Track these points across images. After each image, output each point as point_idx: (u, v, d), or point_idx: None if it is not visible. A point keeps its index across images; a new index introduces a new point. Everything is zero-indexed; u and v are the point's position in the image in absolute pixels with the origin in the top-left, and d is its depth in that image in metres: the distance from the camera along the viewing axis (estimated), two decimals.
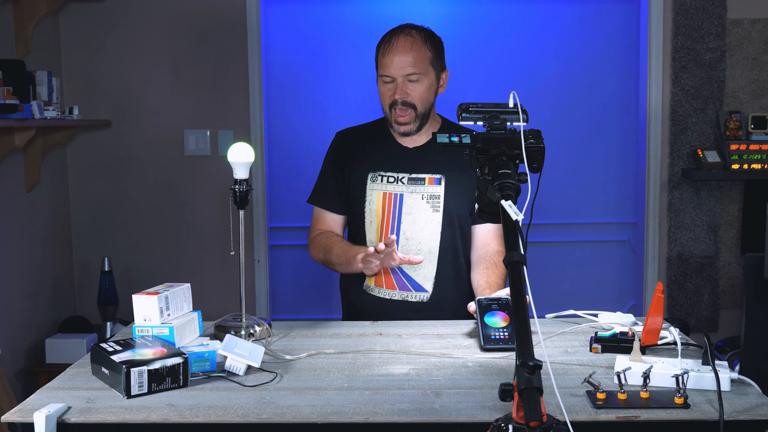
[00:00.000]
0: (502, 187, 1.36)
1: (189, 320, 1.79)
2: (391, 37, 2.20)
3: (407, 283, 2.24)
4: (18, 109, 2.86)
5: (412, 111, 2.19)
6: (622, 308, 4.12)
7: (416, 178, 2.23)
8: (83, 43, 3.75)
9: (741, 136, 3.75)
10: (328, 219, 2.33)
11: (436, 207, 2.22)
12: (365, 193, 2.25)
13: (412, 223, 2.22)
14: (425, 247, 2.22)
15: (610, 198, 4.30)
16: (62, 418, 1.41)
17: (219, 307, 2.73)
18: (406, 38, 2.19)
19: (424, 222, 2.22)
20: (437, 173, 2.23)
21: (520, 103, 1.54)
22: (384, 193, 2.24)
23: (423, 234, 2.22)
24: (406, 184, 2.23)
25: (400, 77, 2.17)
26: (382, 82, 2.22)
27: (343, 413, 1.42)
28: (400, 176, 2.24)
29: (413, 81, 2.17)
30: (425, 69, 2.18)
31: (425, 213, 2.22)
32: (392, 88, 2.19)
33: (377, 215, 2.24)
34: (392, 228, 2.23)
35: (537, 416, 1.03)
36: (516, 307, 1.18)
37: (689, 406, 1.42)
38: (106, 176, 3.82)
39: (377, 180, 2.25)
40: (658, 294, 1.65)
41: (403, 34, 2.20)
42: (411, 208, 2.22)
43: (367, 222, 2.26)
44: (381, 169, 2.26)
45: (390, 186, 2.24)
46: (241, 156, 1.89)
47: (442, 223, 2.22)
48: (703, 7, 3.77)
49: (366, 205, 2.25)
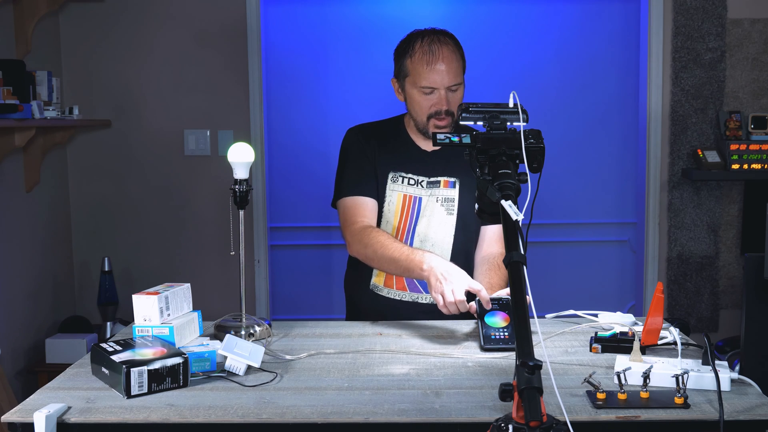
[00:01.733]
0: (502, 187, 1.36)
1: (189, 320, 1.79)
2: (431, 45, 2.13)
3: (418, 285, 2.22)
4: (18, 109, 2.86)
5: (450, 118, 2.16)
6: (622, 308, 4.12)
7: (433, 181, 2.23)
8: (83, 43, 3.75)
9: (741, 136, 3.75)
10: (370, 206, 2.19)
11: (450, 210, 2.22)
12: (385, 192, 2.23)
13: (427, 225, 2.21)
14: (438, 249, 2.21)
15: (610, 198, 4.30)
16: (62, 418, 1.41)
17: (219, 307, 2.73)
18: (446, 48, 2.13)
19: (438, 224, 2.22)
20: (452, 177, 2.22)
21: (520, 103, 1.53)
22: (405, 195, 2.22)
23: (437, 236, 2.22)
24: (425, 187, 2.22)
25: (443, 89, 2.13)
26: (420, 91, 2.15)
27: (343, 413, 1.42)
28: (420, 179, 2.22)
29: (453, 91, 2.14)
30: (462, 78, 2.17)
31: (440, 216, 2.22)
32: (433, 99, 2.13)
33: (395, 216, 2.22)
34: (408, 229, 2.22)
35: (537, 416, 1.02)
36: (516, 307, 1.18)
37: (689, 406, 1.42)
38: (106, 176, 3.82)
39: (398, 180, 2.23)
40: (658, 294, 1.65)
41: (441, 43, 2.13)
42: (427, 210, 2.22)
43: (384, 222, 2.23)
44: (402, 170, 2.23)
45: (411, 188, 2.22)
46: (241, 156, 1.89)
47: (455, 227, 2.22)
48: (703, 7, 3.77)
49: (385, 205, 2.23)
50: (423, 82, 2.12)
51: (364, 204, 2.20)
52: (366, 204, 2.20)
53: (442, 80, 2.11)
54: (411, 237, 2.22)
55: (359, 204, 2.20)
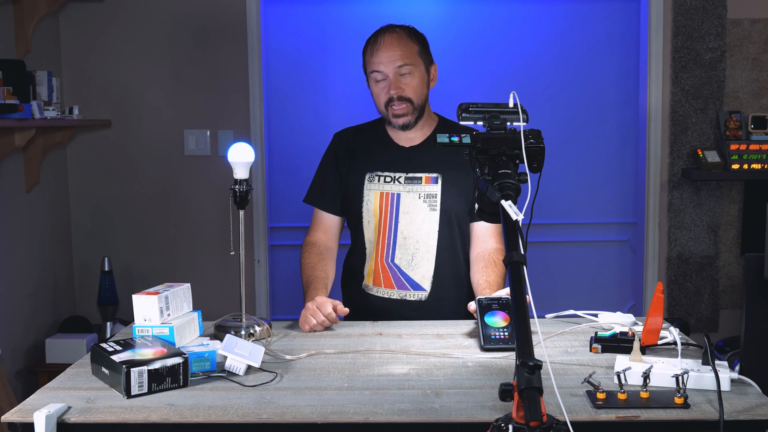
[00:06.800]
0: (502, 187, 1.36)
1: (189, 320, 1.79)
2: (377, 36, 2.23)
3: (405, 282, 2.24)
4: (18, 109, 2.86)
5: (409, 104, 2.20)
6: (622, 308, 4.12)
7: (413, 177, 2.24)
8: (83, 43, 3.75)
9: (741, 136, 3.75)
10: (326, 220, 2.34)
11: (433, 206, 2.22)
12: (362, 193, 2.26)
13: (409, 222, 2.23)
14: (423, 246, 2.23)
15: (610, 198, 4.30)
16: (62, 418, 1.41)
17: (219, 307, 2.73)
18: (391, 35, 2.21)
19: (422, 221, 2.23)
20: (434, 172, 2.23)
21: (520, 103, 1.53)
22: (381, 193, 2.24)
23: (420, 233, 2.23)
24: (403, 183, 2.24)
25: (391, 72, 2.18)
26: (374, 81, 2.23)
27: (343, 413, 1.42)
28: (397, 176, 2.24)
29: (405, 74, 2.19)
30: (415, 61, 2.20)
31: (422, 212, 2.23)
32: (385, 86, 2.20)
33: (375, 215, 2.25)
34: (390, 227, 2.24)
35: (537, 416, 1.02)
36: (516, 307, 1.18)
37: (689, 406, 1.42)
38: (106, 176, 3.82)
39: (374, 180, 2.26)
40: (658, 294, 1.65)
41: (387, 32, 2.22)
42: (408, 207, 2.23)
43: (365, 222, 2.27)
44: (378, 169, 2.26)
45: (387, 186, 2.24)
46: (241, 156, 1.89)
47: (439, 222, 2.23)
48: (703, 7, 3.77)
49: (363, 205, 2.26)
50: (371, 68, 2.22)
51: (320, 219, 2.34)
52: (322, 219, 2.34)
53: (388, 60, 2.18)
54: (394, 235, 2.23)
55: (317, 218, 2.35)
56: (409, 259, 2.24)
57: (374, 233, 2.26)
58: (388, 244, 2.24)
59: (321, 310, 1.99)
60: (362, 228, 2.27)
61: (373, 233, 2.26)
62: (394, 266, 2.24)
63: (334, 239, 2.35)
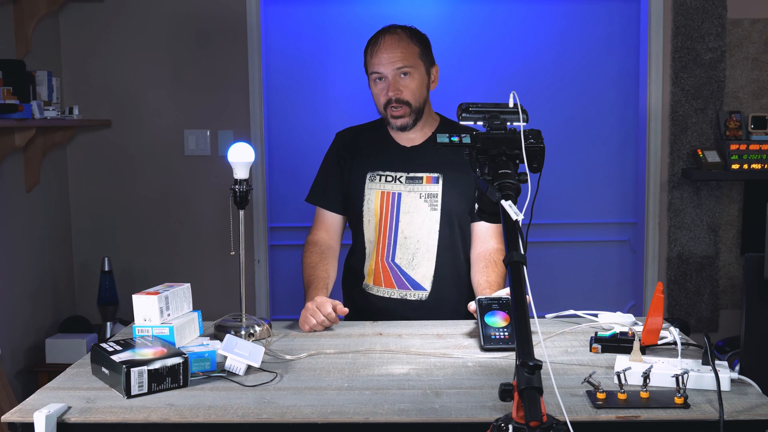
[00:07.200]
0: (502, 187, 1.36)
1: (189, 320, 1.79)
2: (378, 37, 2.23)
3: (406, 282, 2.24)
4: (18, 109, 2.86)
5: (407, 107, 2.20)
6: (622, 308, 4.12)
7: (414, 177, 2.24)
8: (83, 43, 3.75)
9: (741, 136, 3.75)
10: (328, 218, 2.34)
11: (433, 206, 2.23)
12: (363, 193, 2.26)
13: (409, 222, 2.23)
14: (423, 245, 2.23)
15: (610, 198, 4.30)
16: (62, 418, 1.41)
17: (219, 307, 2.73)
18: (392, 36, 2.21)
19: (422, 221, 2.23)
20: (435, 172, 2.24)
21: (520, 103, 1.54)
22: (382, 192, 2.25)
23: (421, 233, 2.23)
24: (404, 183, 2.24)
25: (390, 73, 2.18)
26: (374, 82, 2.23)
27: (343, 413, 1.42)
28: (398, 175, 2.25)
29: (404, 76, 2.19)
30: (415, 63, 2.20)
31: (423, 212, 2.23)
32: (384, 87, 2.20)
33: (375, 214, 2.25)
34: (390, 227, 2.24)
35: (537, 416, 1.02)
36: (516, 307, 1.18)
37: (689, 406, 1.42)
38: (106, 176, 3.82)
39: (375, 179, 2.26)
40: (658, 294, 1.65)
41: (388, 33, 2.22)
42: (409, 207, 2.23)
43: (366, 221, 2.27)
44: (379, 169, 2.27)
45: (388, 185, 2.25)
46: (241, 156, 1.89)
47: (440, 222, 2.23)
48: (703, 7, 3.77)
49: (364, 204, 2.26)
50: (371, 69, 2.23)
51: (322, 218, 2.35)
52: (324, 218, 2.35)
53: (388, 61, 2.18)
54: (394, 235, 2.24)
55: (319, 217, 2.35)
56: (409, 258, 2.24)
57: (375, 233, 2.26)
58: (389, 244, 2.24)
59: (321, 310, 1.99)
60: (363, 227, 2.28)
61: (373, 233, 2.26)
62: (394, 266, 2.24)
63: (336, 238, 2.35)
